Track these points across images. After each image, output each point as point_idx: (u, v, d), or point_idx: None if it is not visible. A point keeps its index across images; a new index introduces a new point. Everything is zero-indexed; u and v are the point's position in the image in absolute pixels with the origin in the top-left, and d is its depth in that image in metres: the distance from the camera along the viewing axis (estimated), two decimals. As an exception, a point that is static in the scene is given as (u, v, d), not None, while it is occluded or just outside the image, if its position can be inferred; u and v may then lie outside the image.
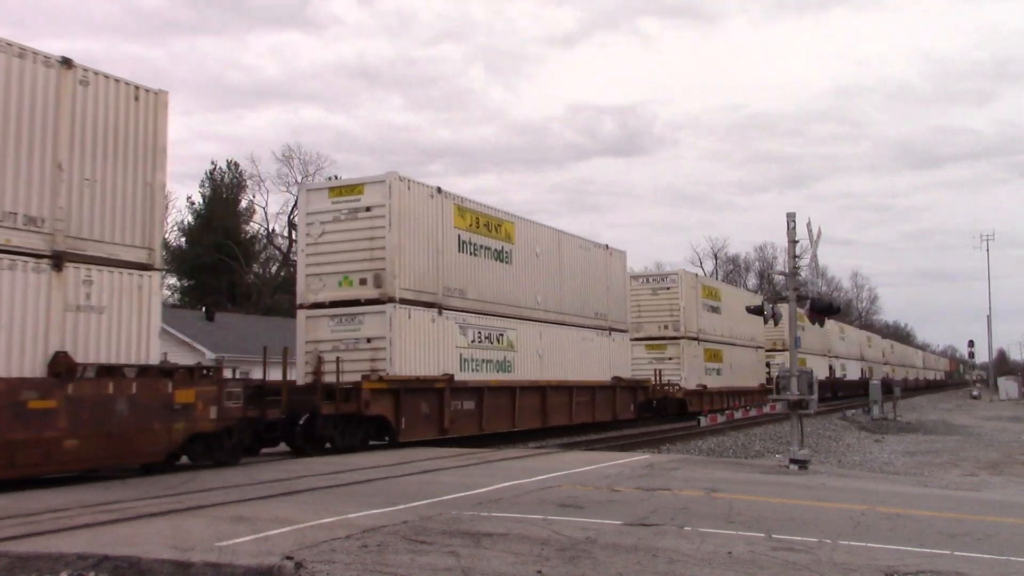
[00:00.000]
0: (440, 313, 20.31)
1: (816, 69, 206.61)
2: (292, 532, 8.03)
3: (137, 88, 13.33)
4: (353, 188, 19.58)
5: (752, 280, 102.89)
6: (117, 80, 13.05)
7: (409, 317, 19.07)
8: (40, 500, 10.10)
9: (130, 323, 12.84)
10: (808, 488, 12.78)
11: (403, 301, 18.94)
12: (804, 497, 11.71)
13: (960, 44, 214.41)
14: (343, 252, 19.19)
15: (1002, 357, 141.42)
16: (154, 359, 13.26)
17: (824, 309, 17.73)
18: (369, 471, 13.53)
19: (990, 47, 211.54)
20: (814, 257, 17.14)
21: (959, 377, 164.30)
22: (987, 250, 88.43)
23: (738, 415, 32.30)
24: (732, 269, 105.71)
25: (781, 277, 19.84)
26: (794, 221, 16.43)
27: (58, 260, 11.90)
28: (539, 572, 6.69)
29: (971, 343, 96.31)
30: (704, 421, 28.85)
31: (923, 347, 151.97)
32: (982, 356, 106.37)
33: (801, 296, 16.92)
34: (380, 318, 18.62)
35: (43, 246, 11.79)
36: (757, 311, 18.38)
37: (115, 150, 12.90)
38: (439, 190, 20.75)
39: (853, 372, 64.33)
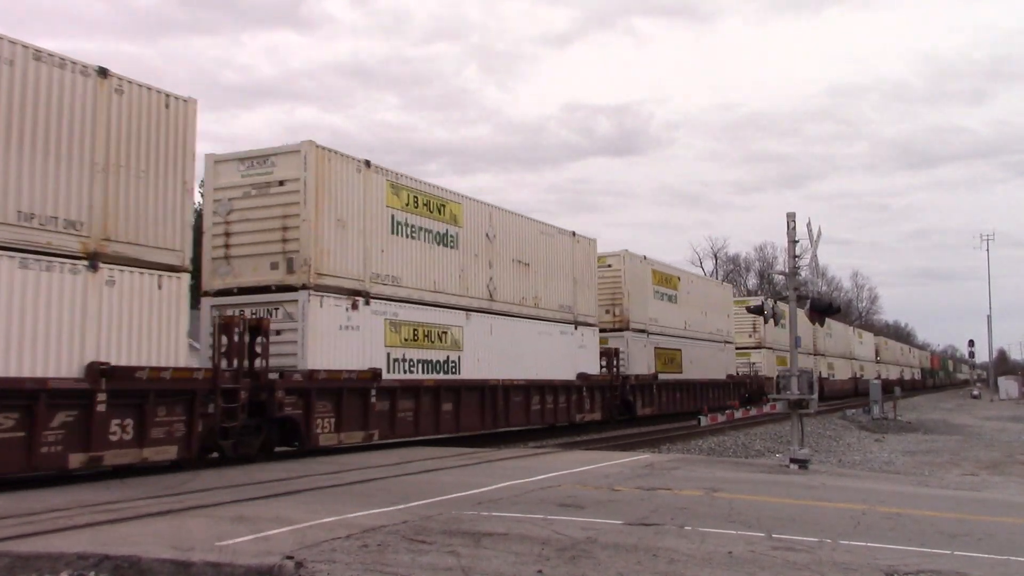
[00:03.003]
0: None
1: (811, 68, 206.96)
2: (292, 532, 8.03)
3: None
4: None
5: (752, 280, 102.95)
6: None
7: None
8: (40, 500, 10.10)
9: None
10: (808, 488, 12.78)
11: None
12: (804, 497, 11.71)
13: (956, 43, 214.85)
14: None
15: (1002, 357, 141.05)
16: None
17: (824, 309, 17.75)
18: (369, 471, 13.54)
19: (986, 46, 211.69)
20: (814, 257, 17.14)
21: (946, 377, 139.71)
22: (987, 250, 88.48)
23: (738, 415, 32.46)
24: (732, 269, 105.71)
25: (781, 277, 19.86)
26: (794, 221, 16.42)
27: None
28: (539, 572, 6.69)
29: (971, 343, 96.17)
30: (704, 421, 28.92)
31: (923, 346, 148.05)
32: (982, 356, 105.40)
33: (801, 296, 16.92)
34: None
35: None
36: (757, 311, 18.37)
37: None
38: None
39: (700, 365, 37.00)
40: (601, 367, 28.17)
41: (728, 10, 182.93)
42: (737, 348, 43.61)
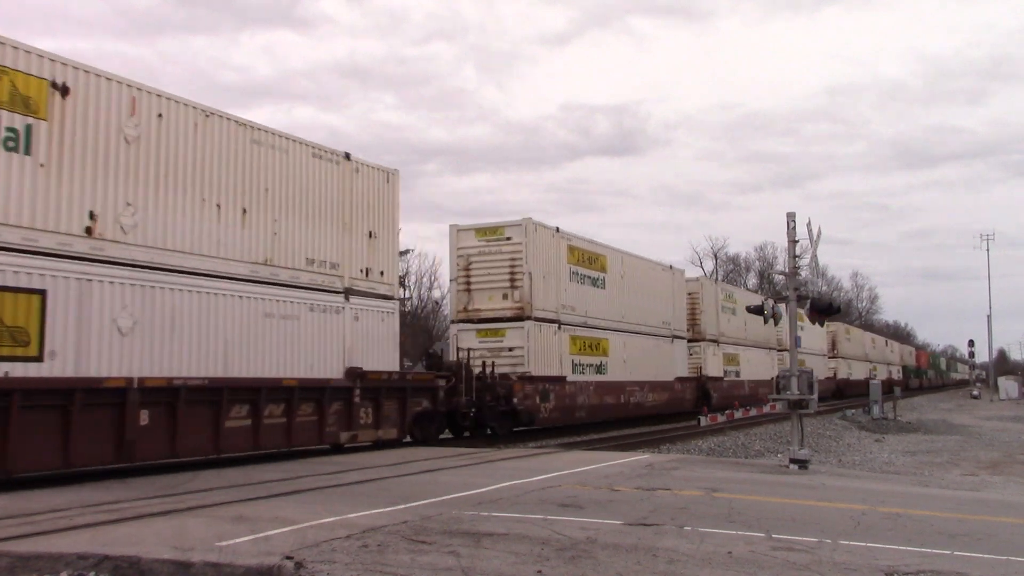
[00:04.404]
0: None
1: (810, 68, 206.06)
2: (292, 532, 8.04)
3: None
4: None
5: (752, 280, 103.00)
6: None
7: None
8: (40, 500, 10.11)
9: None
10: (808, 488, 12.79)
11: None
12: (804, 497, 11.71)
13: (955, 43, 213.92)
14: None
15: (1002, 357, 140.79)
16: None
17: (824, 309, 17.73)
18: (369, 471, 13.54)
19: (985, 46, 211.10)
20: (814, 257, 17.12)
21: (938, 376, 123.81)
22: (987, 250, 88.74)
23: (738, 415, 32.47)
24: (732, 269, 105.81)
25: (781, 277, 19.79)
26: (794, 221, 16.42)
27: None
28: (539, 572, 6.69)
29: (971, 343, 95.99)
30: (704, 421, 28.94)
31: (923, 346, 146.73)
32: (982, 356, 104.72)
33: (801, 296, 16.92)
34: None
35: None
36: (757, 311, 18.35)
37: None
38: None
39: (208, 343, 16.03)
40: None
41: (726, 10, 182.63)
42: (477, 321, 24.37)
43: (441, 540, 7.78)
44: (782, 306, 18.35)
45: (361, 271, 18.22)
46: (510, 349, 23.76)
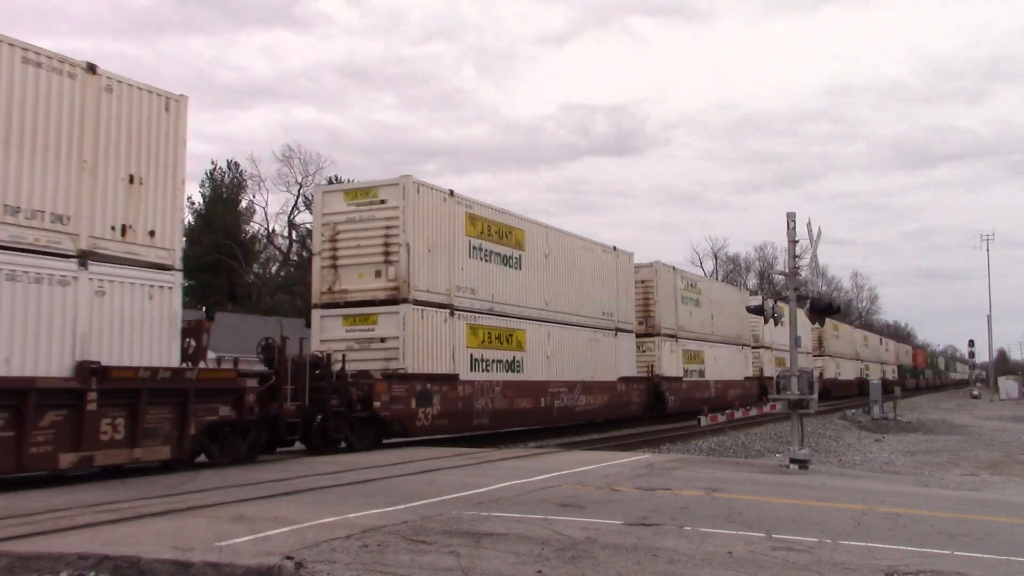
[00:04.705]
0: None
1: (809, 68, 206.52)
2: (292, 532, 8.03)
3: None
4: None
5: (752, 280, 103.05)
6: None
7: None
8: (40, 500, 10.10)
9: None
10: (808, 488, 12.78)
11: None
12: (804, 497, 11.71)
13: (955, 43, 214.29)
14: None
15: (1002, 357, 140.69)
16: None
17: (824, 309, 17.75)
18: (369, 471, 13.54)
19: (985, 46, 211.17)
20: (814, 257, 17.13)
21: (936, 377, 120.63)
22: (987, 250, 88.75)
23: (739, 415, 32.43)
24: (732, 269, 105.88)
25: (781, 277, 19.78)
26: (794, 221, 16.42)
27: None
28: (539, 572, 6.69)
29: (971, 343, 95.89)
30: (704, 421, 28.91)
31: (922, 346, 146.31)
32: (982, 356, 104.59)
33: (801, 296, 16.92)
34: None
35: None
36: (757, 311, 18.36)
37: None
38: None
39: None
40: None
41: (725, 10, 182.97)
42: (344, 304, 20.13)
43: (441, 540, 7.77)
44: (783, 306, 18.37)
45: (112, 228, 12.89)
46: (382, 340, 19.22)
